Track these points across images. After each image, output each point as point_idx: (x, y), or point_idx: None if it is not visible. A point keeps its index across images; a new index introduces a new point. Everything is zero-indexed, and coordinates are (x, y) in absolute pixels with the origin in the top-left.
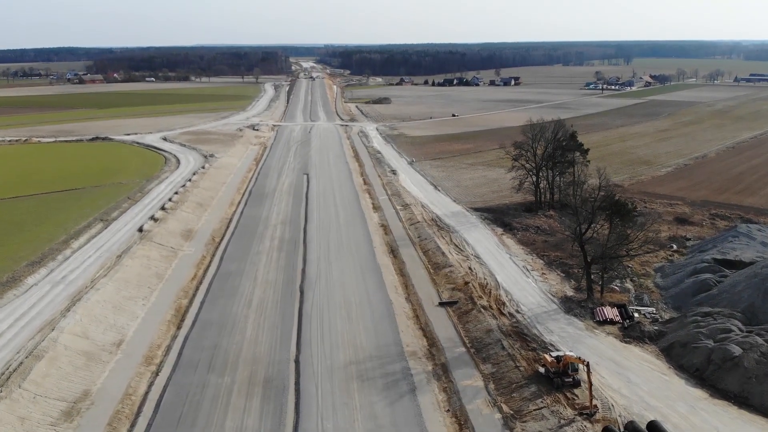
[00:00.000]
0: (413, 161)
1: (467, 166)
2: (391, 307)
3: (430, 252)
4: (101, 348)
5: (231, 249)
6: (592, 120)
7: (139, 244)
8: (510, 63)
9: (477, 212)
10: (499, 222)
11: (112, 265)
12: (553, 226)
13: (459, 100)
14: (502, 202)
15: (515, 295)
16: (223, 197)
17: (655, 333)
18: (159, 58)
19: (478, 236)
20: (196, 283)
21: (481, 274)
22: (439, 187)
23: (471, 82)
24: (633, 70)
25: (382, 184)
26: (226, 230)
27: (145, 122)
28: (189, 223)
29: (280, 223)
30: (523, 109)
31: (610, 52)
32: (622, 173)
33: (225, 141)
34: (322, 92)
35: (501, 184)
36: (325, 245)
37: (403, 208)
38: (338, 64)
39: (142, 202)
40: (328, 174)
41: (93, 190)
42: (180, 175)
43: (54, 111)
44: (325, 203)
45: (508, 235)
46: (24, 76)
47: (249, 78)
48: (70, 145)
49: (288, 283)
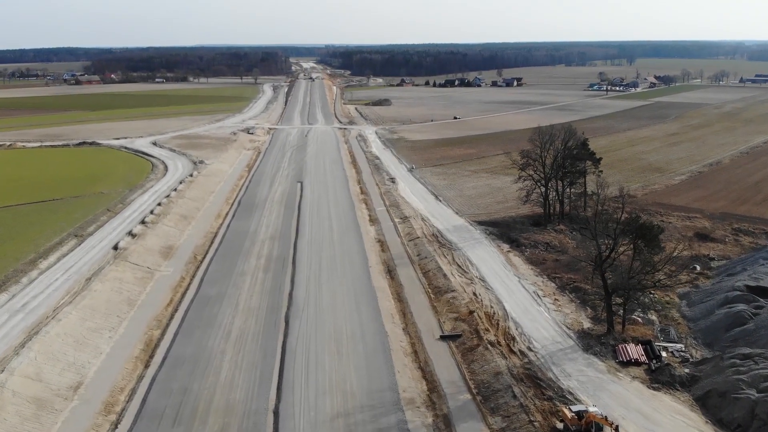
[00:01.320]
0: (413, 168)
1: (470, 173)
2: (387, 340)
3: (430, 273)
4: (56, 393)
5: (213, 269)
6: (598, 123)
7: (113, 264)
8: (512, 63)
9: (481, 226)
10: (506, 238)
11: (79, 290)
12: (563, 242)
13: (461, 102)
14: (507, 214)
15: (526, 327)
16: (210, 208)
17: (688, 378)
18: (158, 59)
19: (483, 255)
20: (171, 310)
21: (487, 301)
22: (440, 197)
23: (473, 83)
24: (636, 71)
25: (379, 194)
26: (210, 246)
27: (136, 125)
28: (170, 238)
29: (269, 238)
30: (526, 111)
31: (613, 53)
32: (634, 181)
33: (217, 146)
34: (321, 93)
35: (506, 194)
36: (316, 264)
37: (402, 221)
38: (339, 65)
39: (122, 215)
40: (323, 182)
41: (72, 201)
42: (166, 183)
43: (45, 113)
44: (319, 215)
45: (516, 252)
46: (21, 77)
47: (248, 79)
48: (56, 151)
49: (272, 310)
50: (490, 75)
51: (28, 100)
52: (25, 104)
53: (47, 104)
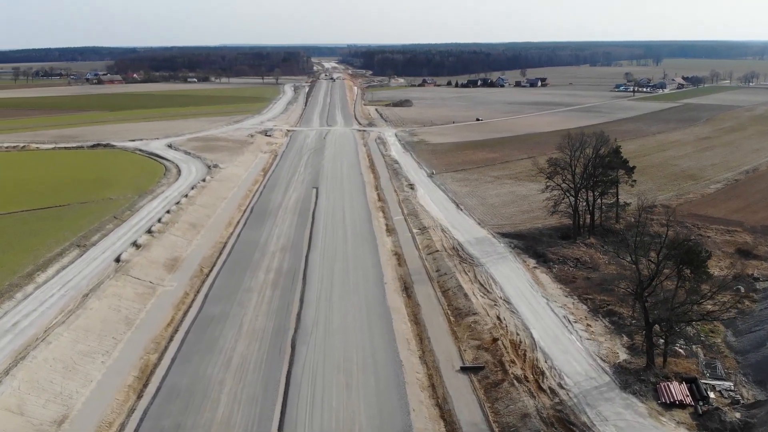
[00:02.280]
0: (433, 173)
1: (493, 179)
2: (401, 370)
3: (450, 292)
4: (37, 428)
5: (219, 284)
6: (626, 126)
7: (113, 278)
8: (536, 63)
9: (505, 238)
10: (532, 252)
11: (74, 308)
12: (594, 257)
13: (483, 103)
14: (533, 225)
15: (556, 359)
16: (221, 216)
17: (740, 425)
18: (180, 59)
19: (508, 272)
20: (171, 331)
21: (512, 327)
22: (461, 206)
23: (496, 83)
24: (664, 71)
25: (397, 201)
26: (218, 258)
27: (154, 126)
28: (176, 249)
29: (280, 249)
30: (551, 113)
31: (639, 53)
32: (667, 190)
33: (233, 148)
34: (341, 94)
35: (532, 203)
36: (328, 279)
37: (421, 231)
38: (360, 65)
39: (128, 223)
40: (339, 188)
41: (78, 208)
42: (178, 189)
43: (64, 113)
44: (333, 224)
45: (543, 269)
46: (45, 76)
47: (269, 79)
48: (69, 153)
49: (278, 333)
50: (513, 75)
51: (48, 100)
52: (45, 104)
53: (67, 104)
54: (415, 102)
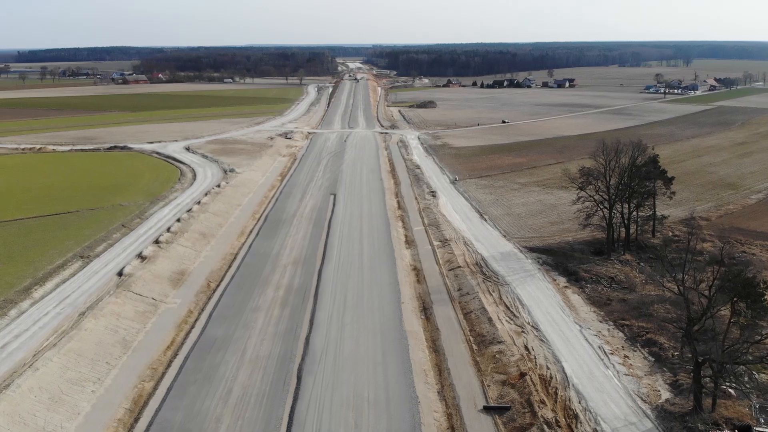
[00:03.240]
0: (456, 179)
1: (519, 186)
2: (417, 409)
3: (472, 316)
4: None
5: (225, 301)
6: (658, 129)
7: (113, 294)
8: (563, 63)
9: (533, 253)
10: (562, 269)
11: (68, 329)
12: (630, 276)
13: (509, 104)
14: (563, 238)
15: (591, 399)
16: (233, 224)
17: None
18: (206, 59)
19: (536, 292)
20: (170, 356)
21: (542, 359)
22: (485, 216)
23: (522, 83)
24: (695, 73)
25: (418, 210)
26: (227, 272)
27: (173, 128)
28: (184, 261)
29: (292, 262)
30: (580, 115)
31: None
32: (705, 200)
33: (252, 152)
34: (364, 95)
35: (561, 213)
36: (341, 298)
37: (442, 244)
38: (385, 65)
39: (137, 232)
40: (358, 194)
41: (86, 215)
42: (191, 195)
43: (86, 114)
44: (350, 234)
45: (574, 288)
46: (72, 76)
47: (293, 79)
48: (84, 156)
49: (284, 360)
50: (540, 75)
51: (72, 100)
52: (68, 104)
53: (90, 104)
54: (439, 103)
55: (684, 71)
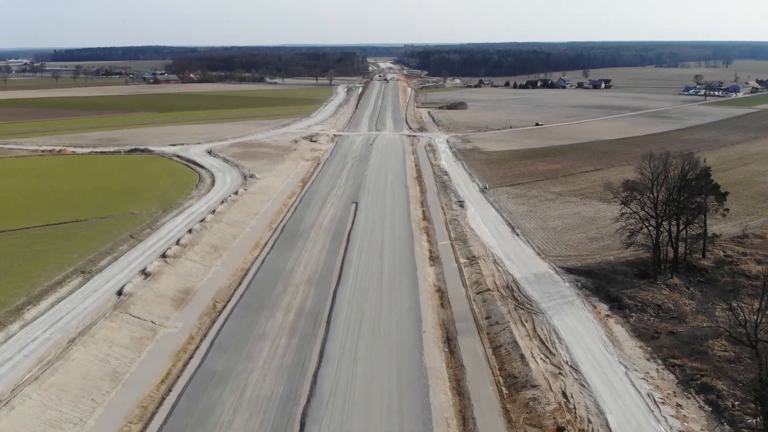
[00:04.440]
0: (486, 188)
1: (554, 196)
2: None
3: (503, 351)
4: None
5: (230, 326)
6: (701, 134)
7: (108, 317)
8: (599, 64)
9: (570, 275)
10: (603, 294)
11: (54, 358)
12: (679, 303)
13: (543, 105)
14: (604, 257)
15: None
16: (248, 236)
17: None
18: (238, 59)
19: (575, 323)
20: (163, 392)
21: (582, 409)
22: (517, 230)
23: (557, 84)
24: (735, 74)
25: (444, 221)
26: (235, 290)
27: (199, 130)
28: (191, 278)
29: (305, 281)
30: (617, 118)
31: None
32: (757, 214)
33: (275, 155)
34: (394, 96)
35: (601, 228)
36: (355, 326)
37: (469, 262)
38: (416, 65)
39: (144, 244)
40: (381, 203)
41: (95, 224)
42: (207, 203)
43: (113, 114)
44: (370, 249)
45: (617, 317)
46: (105, 75)
47: (323, 80)
48: (103, 158)
49: (288, 402)
50: (575, 76)
51: (101, 100)
52: (96, 104)
53: (118, 104)
54: (470, 104)
55: (724, 72)
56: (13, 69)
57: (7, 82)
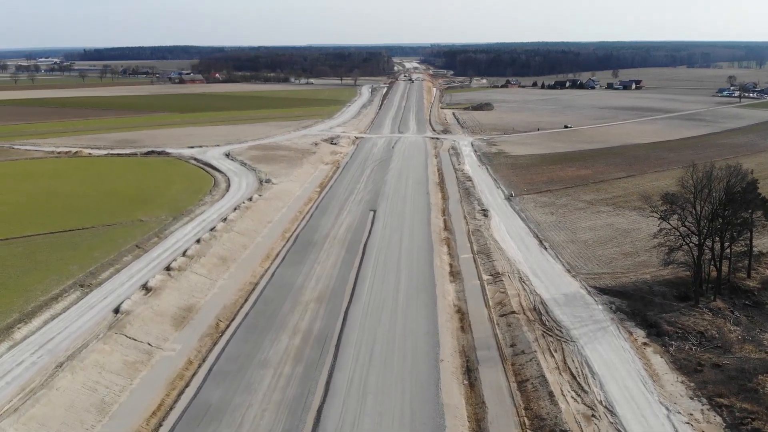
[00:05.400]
0: (512, 195)
1: (585, 205)
2: None
3: (529, 386)
4: None
5: (231, 350)
6: (737, 138)
7: (101, 339)
8: (628, 64)
9: (603, 296)
10: (640, 318)
11: (38, 386)
12: (723, 330)
13: (572, 107)
14: (640, 276)
15: None
16: (259, 246)
17: None
18: (264, 59)
19: (610, 354)
20: (153, 426)
21: None
22: (545, 243)
23: (586, 84)
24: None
25: (467, 232)
26: (241, 308)
27: (218, 131)
28: (194, 294)
29: (315, 298)
30: (649, 120)
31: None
32: None
33: (293, 159)
34: (418, 96)
35: (635, 241)
36: (366, 352)
37: (493, 279)
38: (442, 65)
39: (150, 255)
40: (400, 212)
41: (101, 232)
42: (219, 209)
43: (134, 114)
44: (386, 262)
45: (656, 346)
46: (132, 75)
47: (348, 80)
48: (118, 161)
49: None
50: (604, 76)
51: (124, 100)
52: (120, 104)
53: (141, 104)
54: (496, 105)
55: (758, 73)
56: (42, 68)
57: (34, 81)
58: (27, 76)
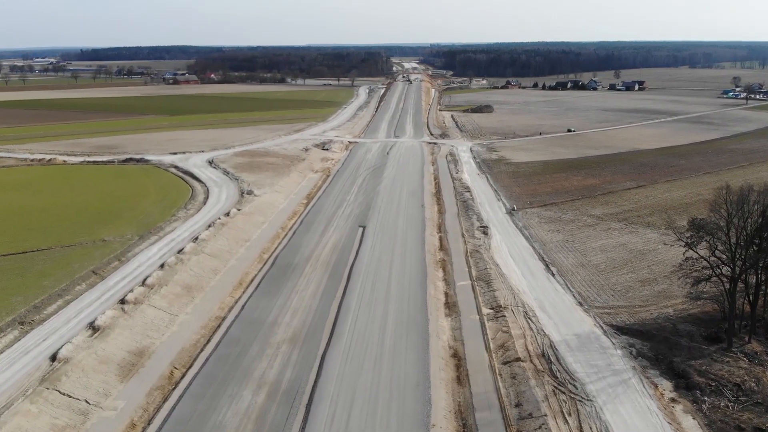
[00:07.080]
0: (514, 209)
1: (594, 221)
2: None
3: None
4: None
5: (182, 410)
6: (748, 143)
7: (29, 397)
8: (630, 64)
9: (622, 335)
10: (665, 365)
11: None
12: (764, 382)
13: (574, 109)
14: (662, 310)
15: None
16: (232, 270)
17: None
18: (260, 59)
19: (634, 417)
20: None
21: None
22: (552, 267)
23: (587, 85)
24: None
25: (465, 253)
26: (201, 351)
27: (206, 136)
28: (149, 333)
29: (289, 339)
30: (655, 123)
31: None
32: None
33: (280, 167)
34: (416, 98)
35: (653, 266)
36: (342, 415)
37: (494, 313)
38: (441, 65)
39: (106, 283)
40: (392, 228)
41: (58, 254)
42: (192, 226)
43: (121, 117)
44: (373, 292)
45: (686, 403)
46: (126, 75)
47: (345, 81)
48: (93, 170)
49: None
50: (606, 77)
51: (114, 101)
52: (108, 106)
53: (130, 107)
54: (496, 107)
55: (761, 74)
56: (36, 68)
57: (25, 82)
58: (19, 76)
